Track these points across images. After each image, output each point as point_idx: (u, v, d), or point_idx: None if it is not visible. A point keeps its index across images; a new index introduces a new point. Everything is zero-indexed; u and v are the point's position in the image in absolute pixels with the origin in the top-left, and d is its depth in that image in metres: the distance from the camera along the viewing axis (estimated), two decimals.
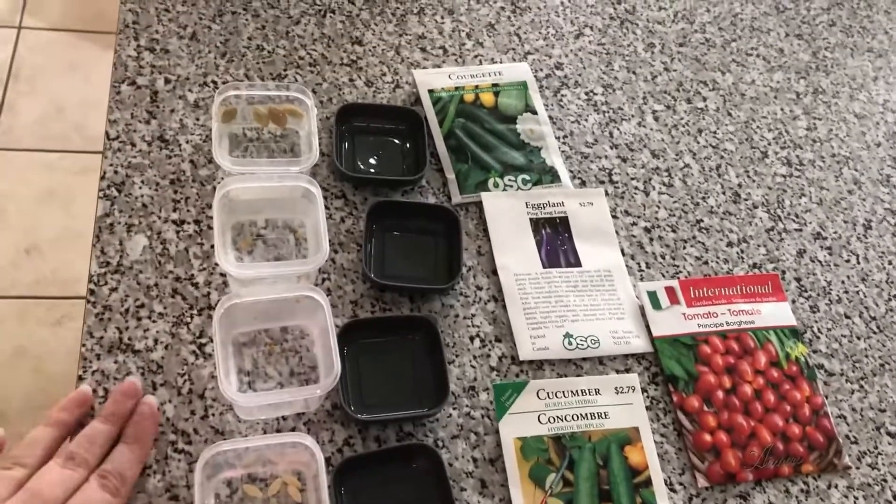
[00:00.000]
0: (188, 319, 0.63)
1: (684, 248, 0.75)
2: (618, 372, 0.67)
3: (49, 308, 1.67)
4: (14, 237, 1.75)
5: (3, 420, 1.49)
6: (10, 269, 1.69)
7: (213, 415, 0.59)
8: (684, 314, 0.70)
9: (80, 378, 0.59)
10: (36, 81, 2.04)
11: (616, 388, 0.65)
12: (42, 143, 1.95)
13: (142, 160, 0.69)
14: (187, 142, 0.71)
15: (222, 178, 0.69)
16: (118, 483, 0.52)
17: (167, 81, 0.74)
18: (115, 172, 0.68)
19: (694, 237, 0.76)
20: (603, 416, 0.64)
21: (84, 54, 2.09)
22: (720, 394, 0.67)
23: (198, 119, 0.72)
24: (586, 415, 0.63)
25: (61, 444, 0.55)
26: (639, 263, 0.73)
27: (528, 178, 0.75)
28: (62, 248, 1.76)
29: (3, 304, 1.66)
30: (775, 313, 0.72)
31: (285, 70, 0.77)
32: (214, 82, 0.75)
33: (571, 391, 0.64)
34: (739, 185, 0.80)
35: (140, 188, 0.68)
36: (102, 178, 0.68)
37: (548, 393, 0.64)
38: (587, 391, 0.64)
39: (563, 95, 0.83)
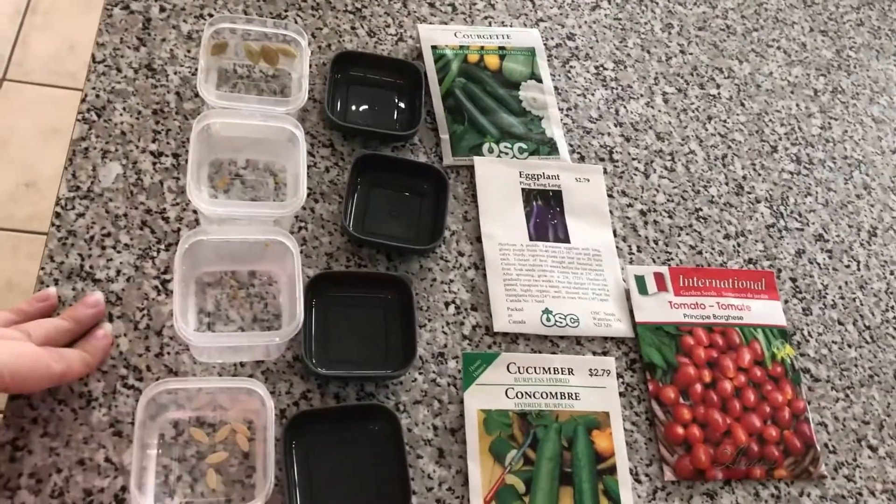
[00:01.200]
0: (154, 253, 0.60)
1: (679, 235, 0.72)
2: (595, 354, 0.64)
3: (42, 245, 1.65)
4: (15, 170, 1.73)
5: None
6: (7, 202, 1.67)
7: (169, 353, 0.57)
8: (671, 302, 0.67)
9: None
10: (52, 16, 2.01)
11: (590, 370, 0.63)
12: (52, 78, 1.92)
13: (126, 86, 0.67)
14: (175, 73, 0.68)
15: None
16: (57, 356, 0.50)
17: (162, 9, 0.71)
18: (97, 96, 0.66)
19: (690, 225, 0.73)
20: (573, 396, 0.61)
21: None
22: (699, 387, 0.64)
23: (189, 51, 0.70)
24: (556, 394, 0.61)
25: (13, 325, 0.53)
26: (630, 246, 0.70)
27: (524, 146, 0.72)
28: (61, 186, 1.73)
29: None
30: (766, 311, 0.69)
31: (286, 10, 0.75)
32: (210, 15, 0.72)
33: (543, 368, 0.62)
34: (744, 178, 0.77)
35: (121, 115, 0.65)
36: (83, 100, 0.65)
37: (518, 367, 0.61)
38: (560, 370, 0.62)
39: (571, 67, 0.79)
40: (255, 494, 0.52)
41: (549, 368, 0.62)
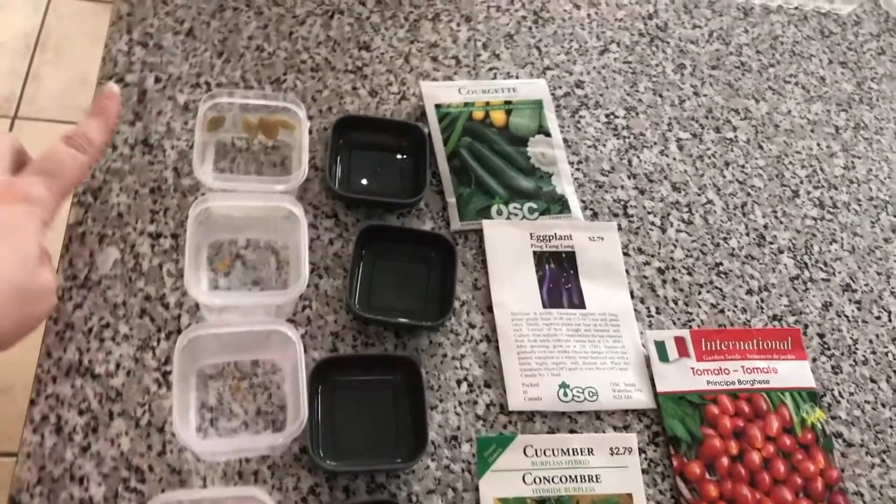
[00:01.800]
0: (154, 343, 0.58)
1: (699, 293, 0.69)
2: (615, 428, 0.62)
3: (37, 337, 1.62)
4: None
5: None
6: None
7: (172, 451, 0.55)
8: (693, 369, 0.65)
9: (33, 402, 0.55)
10: (62, 51, 2.01)
11: (611, 449, 0.60)
12: (64, 114, 1.93)
13: (122, 165, 0.65)
14: (172, 147, 0.66)
15: (205, 192, 0.64)
16: (82, 141, 0.52)
17: (157, 80, 0.70)
18: (93, 177, 0.64)
19: (711, 282, 0.70)
20: (594, 479, 0.59)
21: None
22: (725, 460, 0.61)
23: (186, 123, 0.68)
24: (576, 477, 0.58)
25: None
26: (648, 308, 0.68)
27: (535, 206, 0.70)
28: None
29: None
30: (793, 373, 0.66)
31: (285, 74, 0.73)
32: (208, 83, 0.70)
33: (562, 450, 0.59)
34: (765, 227, 0.74)
35: (117, 196, 0.64)
36: None
37: (536, 450, 0.59)
38: (580, 451, 0.59)
39: (581, 117, 0.77)
40: None
41: (568, 450, 0.59)
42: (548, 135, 0.74)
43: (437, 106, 0.73)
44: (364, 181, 0.68)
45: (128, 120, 0.67)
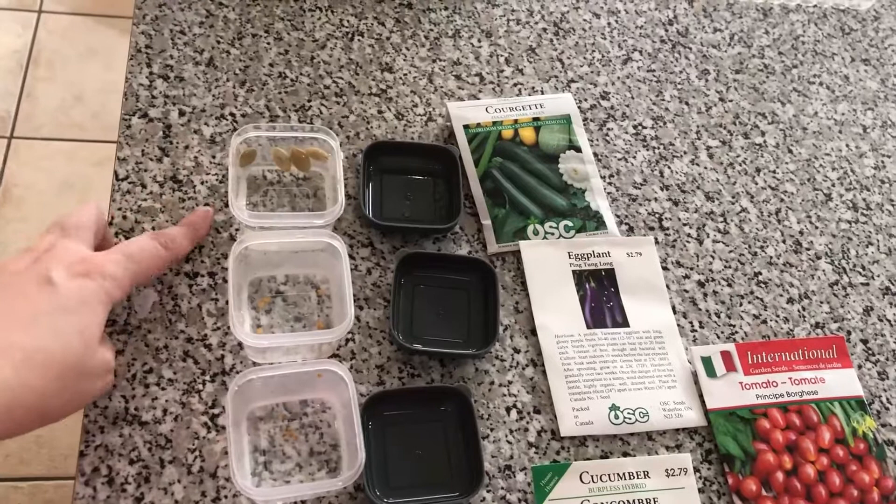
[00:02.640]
0: (200, 387, 0.57)
1: (741, 304, 0.69)
2: (668, 448, 0.61)
3: None
4: (34, 230, 1.71)
5: None
6: None
7: (226, 497, 0.54)
8: (741, 383, 0.64)
9: (83, 454, 0.54)
10: (55, 67, 2.00)
11: (667, 471, 0.59)
12: (61, 131, 1.92)
13: (153, 203, 0.64)
14: (202, 182, 0.65)
15: (239, 226, 0.63)
16: (168, 240, 0.56)
17: (181, 113, 0.68)
18: (124, 218, 0.63)
19: (751, 292, 0.69)
20: (652, 502, 0.58)
21: (102, 39, 2.05)
22: (780, 476, 0.61)
23: (213, 157, 0.67)
24: (634, 501, 0.58)
25: None
26: (691, 322, 0.67)
27: (570, 224, 0.69)
28: None
29: None
30: (840, 382, 0.66)
31: (309, 101, 0.71)
32: (232, 114, 0.69)
33: (618, 474, 0.58)
34: (801, 233, 0.74)
35: None
36: (110, 223, 0.62)
37: (592, 476, 0.58)
38: (635, 474, 0.59)
39: (609, 129, 0.76)
40: None
41: (623, 474, 0.58)
42: (578, 150, 0.73)
43: (466, 126, 0.72)
44: (397, 206, 0.67)
45: (155, 156, 0.66)
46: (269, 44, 0.74)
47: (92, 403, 0.56)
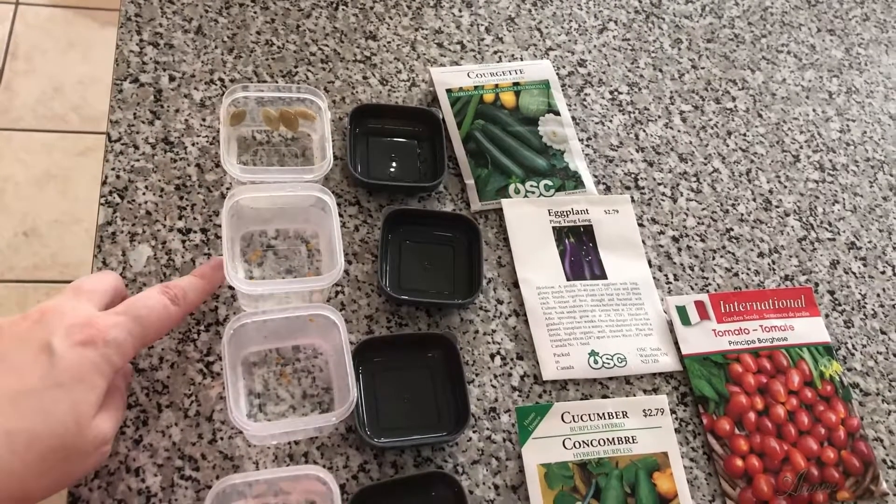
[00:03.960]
0: (195, 336, 0.59)
1: (714, 258, 0.72)
2: (645, 392, 0.64)
3: (48, 293, 1.64)
4: (13, 220, 1.71)
5: None
6: (8, 253, 1.66)
7: (222, 438, 0.56)
8: (714, 330, 0.67)
9: None
10: (34, 59, 1.99)
11: (644, 411, 0.62)
12: (41, 123, 1.91)
13: (145, 164, 0.66)
14: (193, 144, 0.67)
15: (230, 185, 0.65)
16: (178, 294, 0.53)
17: (171, 79, 0.70)
18: (118, 177, 0.65)
19: (724, 247, 0.72)
20: (631, 440, 0.61)
21: (82, 31, 2.05)
22: (752, 416, 0.64)
23: (204, 119, 0.69)
24: (613, 439, 0.60)
25: None
26: (666, 275, 0.70)
27: (550, 183, 0.72)
28: (61, 232, 1.73)
29: (2, 289, 1.63)
30: (809, 329, 0.69)
31: (296, 67, 0.74)
32: (221, 80, 0.71)
33: (598, 414, 0.61)
34: (770, 192, 0.77)
35: (143, 194, 0.64)
36: (104, 183, 0.64)
37: (573, 416, 0.61)
38: (614, 414, 0.61)
39: (586, 94, 0.79)
40: None
41: (603, 414, 0.61)
42: (557, 114, 0.75)
43: (448, 91, 0.74)
44: (383, 167, 0.70)
45: (147, 119, 0.68)
46: (255, 13, 0.76)
47: None
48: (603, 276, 0.68)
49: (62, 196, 1.76)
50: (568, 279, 0.68)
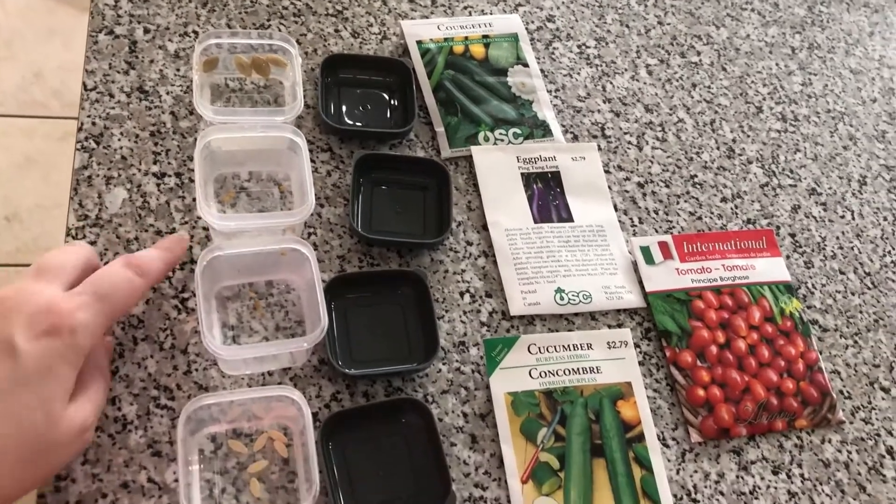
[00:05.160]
0: (169, 273, 0.61)
1: (678, 203, 0.74)
2: (610, 327, 0.66)
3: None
4: None
5: None
6: None
7: (197, 370, 0.57)
8: (678, 269, 0.69)
9: None
10: (14, 46, 1.99)
11: (608, 343, 0.64)
12: (20, 108, 1.91)
13: (120, 111, 0.67)
14: (167, 93, 0.69)
15: (204, 129, 0.67)
16: (143, 265, 0.51)
17: (146, 31, 0.72)
18: (94, 124, 0.66)
19: (687, 192, 0.75)
20: (595, 370, 0.63)
21: (62, 19, 2.05)
22: (714, 349, 0.66)
23: (178, 70, 0.70)
24: (578, 369, 0.62)
25: None
26: (632, 219, 0.72)
27: (519, 131, 0.73)
28: (42, 217, 1.73)
29: None
30: (770, 269, 0.71)
31: (269, 20, 0.75)
32: (195, 32, 0.72)
33: (563, 346, 0.63)
34: (734, 141, 0.79)
35: (119, 140, 0.66)
36: (80, 129, 0.65)
37: (539, 348, 0.62)
38: (579, 346, 0.63)
39: (554, 48, 0.81)
40: (299, 498, 0.53)
41: (568, 345, 0.63)
42: (525, 65, 0.77)
43: (419, 42, 0.76)
44: (355, 115, 0.71)
45: (121, 69, 0.69)
46: None
47: None
48: (570, 219, 0.70)
49: (43, 181, 1.77)
50: (536, 222, 0.69)
